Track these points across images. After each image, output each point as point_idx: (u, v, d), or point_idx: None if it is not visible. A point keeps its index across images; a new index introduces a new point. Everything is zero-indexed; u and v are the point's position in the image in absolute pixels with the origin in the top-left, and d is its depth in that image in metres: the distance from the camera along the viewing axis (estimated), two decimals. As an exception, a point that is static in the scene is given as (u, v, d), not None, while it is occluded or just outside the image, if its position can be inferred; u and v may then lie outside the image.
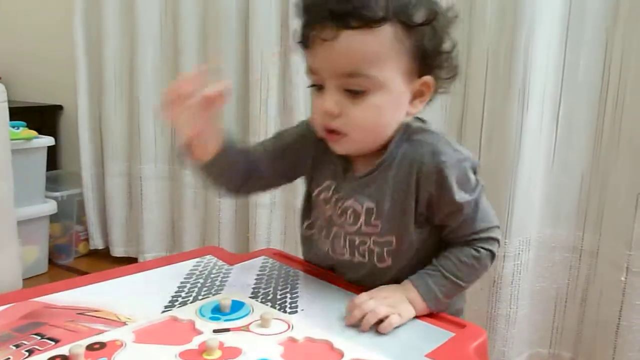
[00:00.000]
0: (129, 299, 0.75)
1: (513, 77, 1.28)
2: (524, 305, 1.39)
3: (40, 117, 2.02)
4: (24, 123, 1.78)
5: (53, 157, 1.98)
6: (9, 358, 0.60)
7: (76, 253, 2.03)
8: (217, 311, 0.71)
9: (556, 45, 1.28)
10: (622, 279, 1.26)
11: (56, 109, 2.20)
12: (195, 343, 0.63)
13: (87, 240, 2.04)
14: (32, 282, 1.71)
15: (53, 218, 1.92)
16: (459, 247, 0.75)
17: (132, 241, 1.97)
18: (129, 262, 1.90)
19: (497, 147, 1.34)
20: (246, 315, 0.70)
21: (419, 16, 0.65)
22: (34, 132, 1.80)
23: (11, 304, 0.75)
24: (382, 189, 0.73)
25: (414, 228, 0.74)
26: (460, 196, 0.71)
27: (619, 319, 1.28)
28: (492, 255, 0.75)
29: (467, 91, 1.39)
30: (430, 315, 0.73)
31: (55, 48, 2.15)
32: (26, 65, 2.19)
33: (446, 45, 0.69)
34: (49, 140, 1.85)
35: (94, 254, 2.05)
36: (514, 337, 1.40)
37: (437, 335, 0.68)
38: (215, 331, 0.65)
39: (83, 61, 1.92)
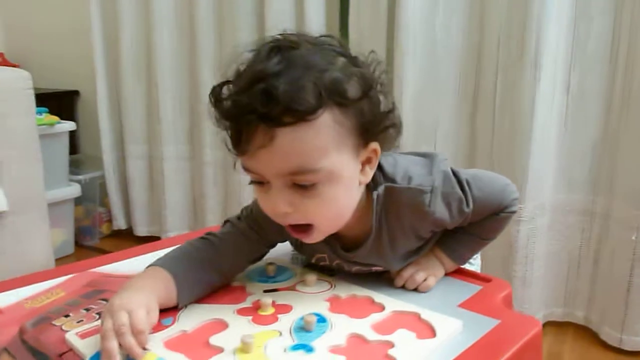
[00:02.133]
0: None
1: (526, 49, 1.32)
2: (539, 266, 1.45)
3: (58, 103, 2.06)
4: (46, 109, 1.83)
5: (72, 142, 2.02)
6: (82, 320, 0.66)
7: (100, 234, 2.10)
8: (264, 275, 0.77)
9: (566, 16, 1.32)
10: (633, 238, 1.32)
11: (73, 95, 2.25)
12: (249, 302, 0.69)
13: (110, 221, 2.11)
14: (61, 263, 1.76)
15: (76, 201, 1.98)
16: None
17: (155, 221, 2.03)
18: (152, 240, 1.96)
19: (511, 117, 1.39)
20: (290, 277, 0.77)
21: (353, 91, 0.59)
22: (56, 118, 1.85)
23: (71, 275, 0.81)
24: (383, 253, 0.72)
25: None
26: (461, 213, 0.71)
27: (630, 276, 1.34)
28: (514, 212, 0.77)
29: (480, 63, 1.43)
30: (460, 272, 0.79)
31: (71, 34, 2.19)
32: (42, 52, 2.23)
33: (384, 105, 0.64)
34: (70, 125, 1.91)
35: (117, 234, 2.12)
36: (530, 298, 1.46)
37: (466, 289, 0.75)
38: (265, 291, 0.72)
39: (100, 46, 1.96)
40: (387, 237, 0.70)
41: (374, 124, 0.62)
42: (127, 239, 2.06)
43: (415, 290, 0.74)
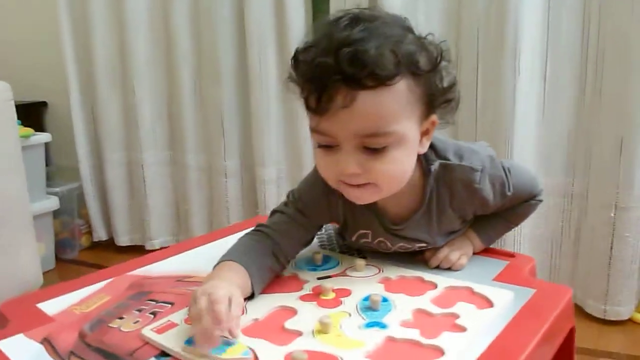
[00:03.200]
0: (213, 264, 0.79)
1: (505, 39, 1.39)
2: (524, 248, 1.53)
3: (26, 115, 1.98)
4: (19, 121, 1.77)
5: (45, 154, 1.96)
6: (138, 320, 0.67)
7: (80, 246, 2.04)
8: (312, 264, 0.80)
9: (540, 6, 1.40)
10: (612, 214, 1.41)
11: (41, 106, 2.17)
12: (307, 289, 0.72)
13: (89, 233, 2.06)
14: (44, 278, 1.71)
15: (54, 214, 1.92)
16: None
17: (137, 229, 2.00)
18: (134, 250, 1.94)
19: (493, 108, 1.46)
20: (337, 265, 0.80)
21: (425, 63, 0.64)
22: (31, 130, 1.79)
23: (110, 279, 0.81)
24: (430, 228, 0.77)
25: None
26: (503, 197, 0.77)
27: (611, 249, 1.44)
28: (541, 201, 0.84)
29: (460, 56, 1.50)
30: (486, 250, 0.85)
31: (37, 44, 2.11)
32: (7, 63, 2.14)
33: (448, 80, 0.68)
34: (46, 137, 1.85)
35: (98, 246, 2.06)
36: (518, 279, 1.53)
37: (495, 264, 0.81)
38: (318, 279, 0.74)
39: (71, 54, 1.90)
40: (436, 211, 0.75)
41: (438, 96, 0.67)
42: (108, 250, 2.02)
43: (449, 269, 0.78)
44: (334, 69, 0.59)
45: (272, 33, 1.66)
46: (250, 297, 0.69)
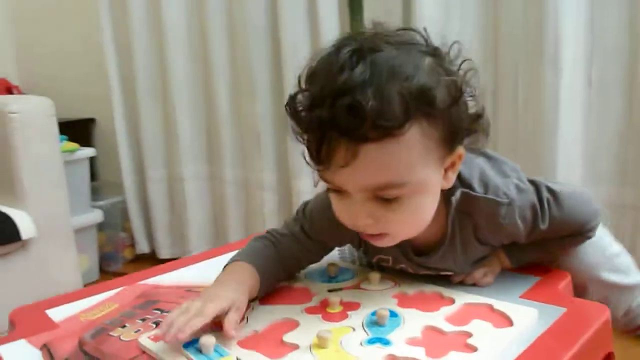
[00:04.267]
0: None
1: (545, 43, 1.32)
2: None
3: (74, 131, 2.06)
4: (65, 137, 1.83)
5: (91, 169, 2.02)
6: (139, 330, 0.65)
7: (123, 259, 2.08)
8: (326, 276, 0.76)
9: (584, 8, 1.32)
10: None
11: (89, 122, 2.25)
12: (315, 301, 0.68)
13: (132, 246, 2.09)
14: (87, 289, 1.75)
15: (98, 228, 1.97)
16: None
17: (177, 242, 2.02)
18: (175, 263, 1.95)
19: (534, 113, 1.38)
20: (352, 277, 0.76)
21: (442, 98, 0.54)
22: (76, 145, 1.85)
23: (121, 287, 0.80)
24: (454, 260, 0.70)
25: None
26: (535, 230, 0.68)
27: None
28: (590, 238, 0.74)
29: (499, 60, 1.44)
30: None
31: (85, 63, 2.20)
32: (57, 82, 2.23)
33: (473, 108, 0.60)
34: (91, 152, 1.91)
35: (140, 259, 2.10)
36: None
37: (525, 280, 0.73)
38: (329, 291, 0.71)
39: (115, 72, 1.96)
40: (460, 242, 0.68)
41: (461, 131, 0.58)
42: (150, 263, 2.04)
43: (474, 285, 0.72)
44: (330, 122, 0.52)
45: (306, 47, 1.65)
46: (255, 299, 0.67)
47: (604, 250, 0.79)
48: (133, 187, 2.03)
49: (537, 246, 0.73)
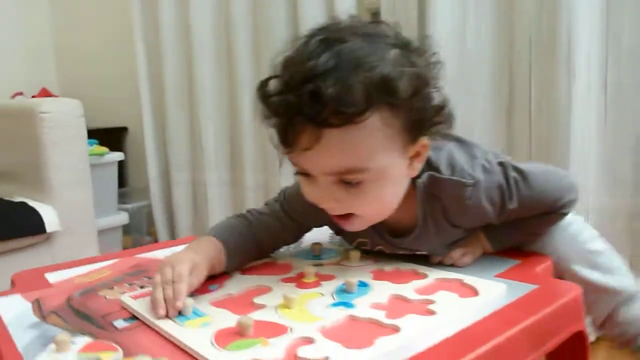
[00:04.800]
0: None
1: (558, 45, 1.32)
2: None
3: (108, 138, 2.16)
4: (96, 141, 1.93)
5: (121, 175, 2.11)
6: (124, 292, 0.69)
7: (147, 262, 2.15)
8: (310, 254, 0.79)
9: (598, 10, 1.32)
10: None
11: (122, 131, 2.36)
12: (293, 273, 0.71)
13: (156, 249, 2.16)
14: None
15: (124, 231, 2.05)
16: None
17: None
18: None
19: (548, 117, 1.37)
20: (335, 256, 0.78)
21: (404, 88, 0.56)
22: (105, 148, 1.94)
23: (118, 259, 0.84)
24: (428, 242, 0.72)
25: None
26: (504, 210, 0.69)
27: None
28: (566, 214, 0.74)
29: (513, 62, 1.44)
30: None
31: (120, 78, 2.32)
32: (96, 94, 2.35)
33: (437, 100, 0.61)
34: (119, 156, 2.00)
35: (163, 262, 2.16)
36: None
37: (505, 262, 0.74)
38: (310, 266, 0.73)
39: (145, 81, 2.07)
40: (433, 225, 0.70)
41: (424, 121, 0.60)
42: (172, 266, 2.10)
43: (452, 265, 0.73)
44: (296, 107, 0.55)
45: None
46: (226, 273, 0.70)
47: (581, 243, 0.77)
48: (158, 191, 2.11)
49: (515, 227, 0.74)
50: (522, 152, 1.44)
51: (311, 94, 0.54)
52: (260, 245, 0.74)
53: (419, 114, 0.59)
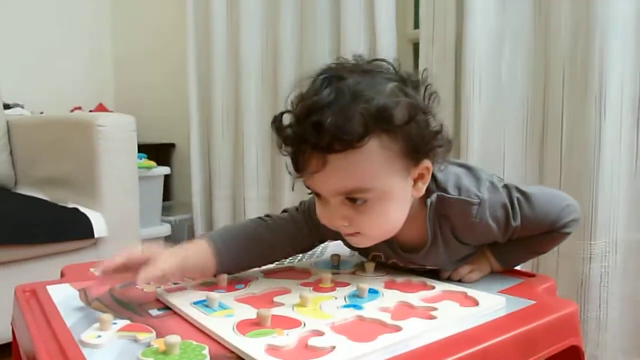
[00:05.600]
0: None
1: (589, 83, 1.35)
2: (613, 308, 1.40)
3: (157, 154, 2.30)
4: (145, 155, 2.06)
5: (167, 189, 2.23)
6: (160, 287, 0.76)
7: (186, 273, 2.24)
8: (330, 264, 0.86)
9: (632, 49, 1.35)
10: None
11: (170, 147, 2.50)
12: (312, 278, 0.78)
13: (195, 261, 2.26)
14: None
15: (165, 241, 2.15)
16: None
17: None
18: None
19: (578, 152, 1.40)
20: (351, 267, 0.85)
21: (400, 117, 0.63)
22: (153, 162, 2.06)
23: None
24: (438, 257, 0.77)
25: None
26: (508, 228, 0.74)
27: None
28: (569, 233, 0.78)
29: (547, 98, 1.48)
30: (510, 270, 0.84)
31: (171, 98, 2.48)
32: (148, 113, 2.51)
33: (434, 126, 0.68)
34: (165, 170, 2.12)
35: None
36: (606, 342, 1.40)
37: (509, 280, 0.79)
38: (328, 274, 0.79)
39: (195, 101, 2.20)
40: (442, 243, 0.76)
41: (422, 145, 0.66)
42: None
43: (460, 281, 0.79)
44: (302, 138, 0.63)
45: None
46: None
47: None
48: (200, 205, 2.21)
49: (520, 246, 0.79)
50: (553, 185, 1.47)
51: (314, 125, 0.62)
52: (265, 248, 0.79)
53: (416, 138, 0.65)
